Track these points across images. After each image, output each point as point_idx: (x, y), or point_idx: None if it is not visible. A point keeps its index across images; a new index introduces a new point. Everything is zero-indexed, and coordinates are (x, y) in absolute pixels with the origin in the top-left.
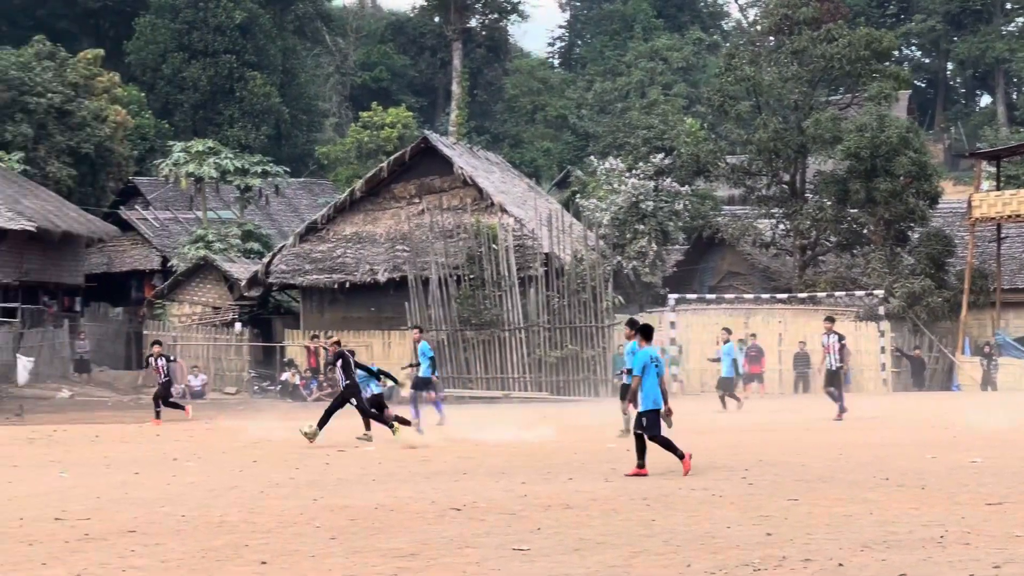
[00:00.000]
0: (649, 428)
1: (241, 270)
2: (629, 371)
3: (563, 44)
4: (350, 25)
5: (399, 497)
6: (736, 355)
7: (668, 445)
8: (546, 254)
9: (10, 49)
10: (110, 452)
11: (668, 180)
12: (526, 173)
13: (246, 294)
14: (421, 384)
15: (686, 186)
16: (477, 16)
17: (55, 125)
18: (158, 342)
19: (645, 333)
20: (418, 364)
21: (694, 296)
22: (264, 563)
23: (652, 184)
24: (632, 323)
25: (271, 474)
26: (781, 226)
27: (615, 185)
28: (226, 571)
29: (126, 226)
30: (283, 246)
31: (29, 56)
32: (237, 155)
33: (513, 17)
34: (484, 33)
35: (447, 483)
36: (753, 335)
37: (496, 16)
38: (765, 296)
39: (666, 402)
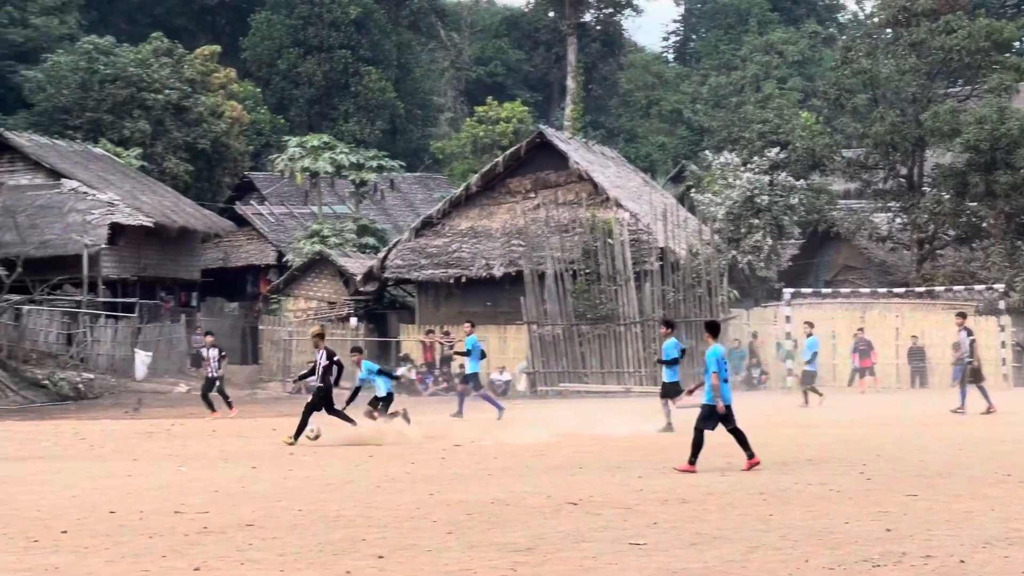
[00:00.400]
0: (700, 420)
1: (356, 265)
2: (663, 361)
3: (678, 38)
4: (465, 20)
5: (515, 491)
6: (814, 349)
7: (698, 444)
8: (661, 248)
9: (128, 47)
10: (226, 446)
11: (783, 174)
12: (641, 168)
13: (361, 289)
14: (470, 378)
15: (801, 180)
16: (592, 11)
17: (172, 121)
18: (210, 332)
19: (712, 330)
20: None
21: (809, 290)
22: (381, 557)
23: (767, 178)
24: (667, 323)
25: (387, 469)
26: (898, 220)
27: (730, 179)
28: (343, 565)
29: (242, 221)
30: (398, 241)
31: (147, 53)
32: (352, 150)
33: (627, 11)
34: (599, 28)
35: (563, 477)
36: (860, 329)
37: (611, 10)
38: (881, 290)
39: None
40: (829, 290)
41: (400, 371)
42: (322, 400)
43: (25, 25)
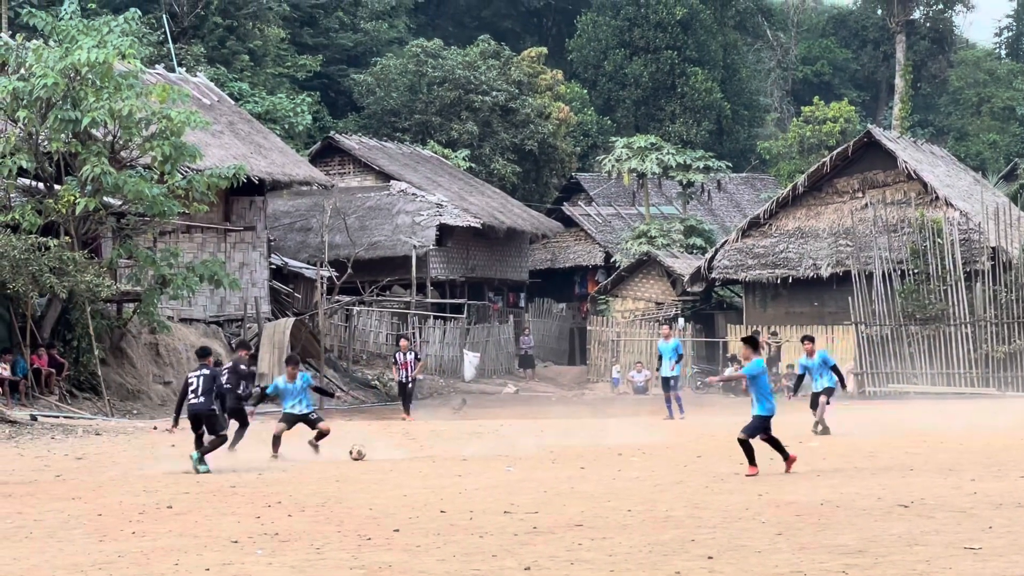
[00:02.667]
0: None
1: (683, 265)
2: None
3: (1011, 34)
4: (791, 19)
5: (845, 493)
6: None
7: (750, 449)
8: (993, 248)
9: (456, 49)
10: (555, 446)
11: None
12: (971, 166)
13: (689, 289)
14: (670, 382)
15: None
16: (921, 7)
17: (499, 123)
18: (406, 337)
19: (751, 344)
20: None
21: None
22: (710, 558)
23: None
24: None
25: (716, 468)
26: None
27: None
28: (672, 565)
29: (569, 222)
30: (726, 241)
31: (474, 55)
32: (679, 150)
33: (958, 7)
34: (928, 25)
35: (894, 479)
36: None
37: (941, 7)
38: None
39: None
40: None
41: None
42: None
43: (355, 30)
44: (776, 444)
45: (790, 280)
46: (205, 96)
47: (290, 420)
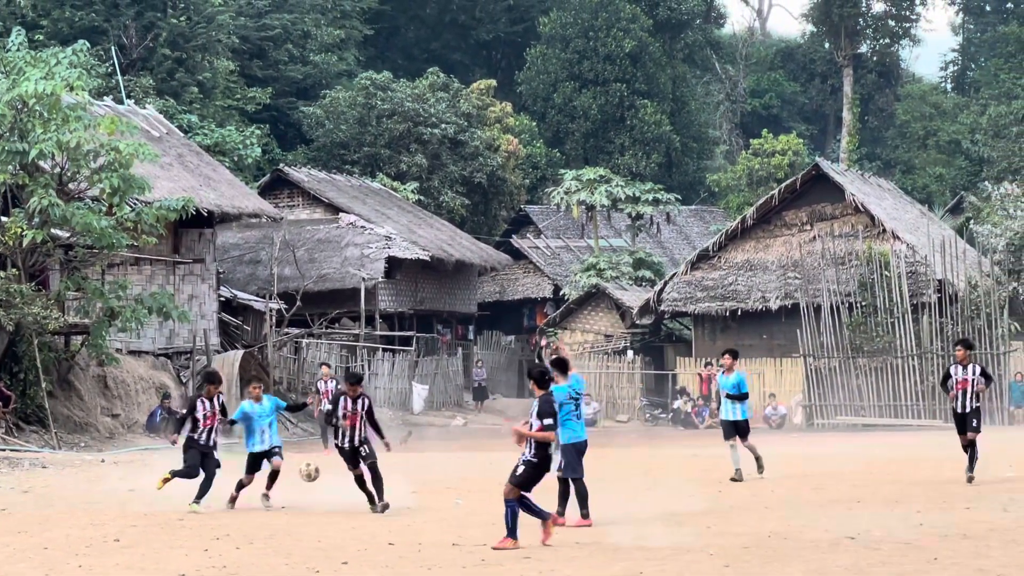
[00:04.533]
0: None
1: (633, 298)
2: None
3: (956, 68)
4: (740, 52)
5: (792, 525)
6: None
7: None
8: (939, 280)
9: (405, 81)
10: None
11: None
12: (918, 199)
13: (638, 322)
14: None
15: None
16: (868, 41)
17: (448, 155)
18: (326, 364)
19: (560, 367)
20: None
21: None
22: None
23: None
24: (733, 352)
25: (665, 501)
26: None
27: (1011, 210)
28: None
29: (518, 254)
30: (675, 274)
31: (424, 88)
32: (628, 183)
33: (905, 42)
34: (875, 59)
35: (841, 511)
36: None
37: (887, 41)
38: None
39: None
40: None
41: (677, 404)
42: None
43: (304, 62)
44: (564, 493)
45: (739, 312)
46: (154, 128)
47: (254, 464)
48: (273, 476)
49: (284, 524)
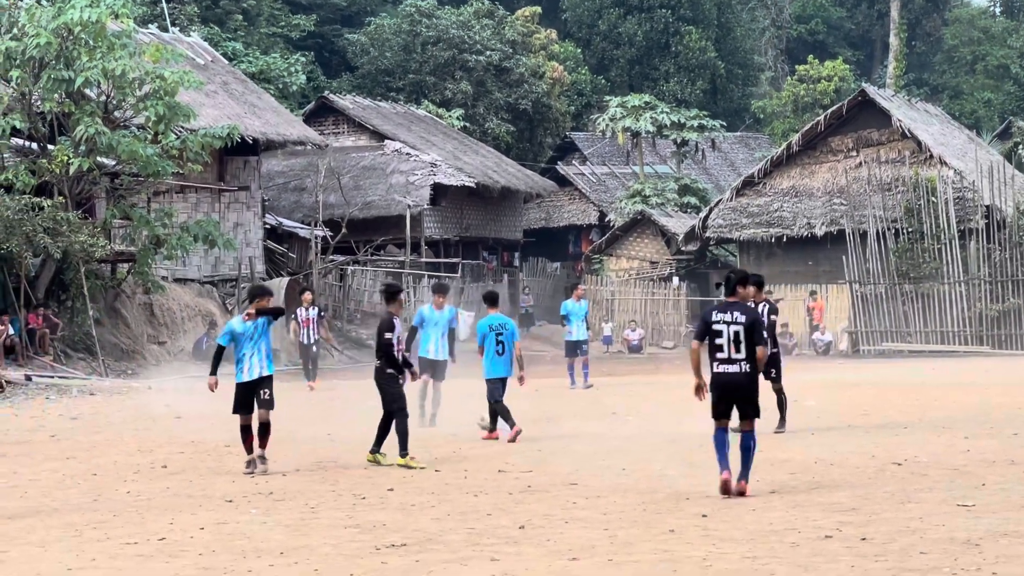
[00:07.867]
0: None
1: (678, 224)
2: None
3: None
4: None
5: (838, 451)
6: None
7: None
8: (987, 206)
9: (450, 8)
10: (550, 406)
11: None
12: (966, 125)
13: (683, 248)
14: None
15: None
16: None
17: (493, 82)
18: (309, 289)
19: (490, 301)
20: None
21: None
22: (704, 516)
23: None
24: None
25: (708, 428)
26: None
27: None
28: (667, 523)
29: (564, 181)
30: (720, 200)
31: (468, 15)
32: (673, 109)
33: None
34: None
35: (887, 437)
36: None
37: None
38: None
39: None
40: None
41: None
42: None
43: None
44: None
45: (784, 239)
46: (199, 56)
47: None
48: (264, 431)
49: (330, 454)
